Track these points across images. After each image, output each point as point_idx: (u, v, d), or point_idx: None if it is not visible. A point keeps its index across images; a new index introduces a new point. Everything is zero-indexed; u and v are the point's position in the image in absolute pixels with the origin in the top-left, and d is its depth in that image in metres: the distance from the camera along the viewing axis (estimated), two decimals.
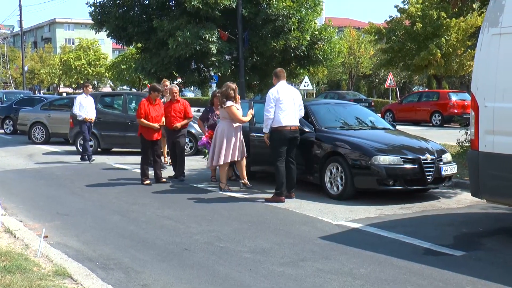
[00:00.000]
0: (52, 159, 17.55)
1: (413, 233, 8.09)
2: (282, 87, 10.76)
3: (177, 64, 25.10)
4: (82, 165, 16.02)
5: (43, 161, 17.09)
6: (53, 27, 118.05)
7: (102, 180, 13.27)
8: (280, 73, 10.97)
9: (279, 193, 10.56)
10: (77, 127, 18.41)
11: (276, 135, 10.62)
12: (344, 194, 10.55)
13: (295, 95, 10.85)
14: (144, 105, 12.61)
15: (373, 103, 42.46)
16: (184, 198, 11.09)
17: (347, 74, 64.48)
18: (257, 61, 26.40)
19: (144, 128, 12.65)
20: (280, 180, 10.57)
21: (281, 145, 10.61)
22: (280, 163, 10.62)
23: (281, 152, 10.63)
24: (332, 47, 26.21)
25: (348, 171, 10.45)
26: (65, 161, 17.03)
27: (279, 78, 10.88)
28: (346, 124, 12.00)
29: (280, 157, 10.62)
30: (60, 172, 14.66)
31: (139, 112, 12.63)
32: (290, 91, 10.82)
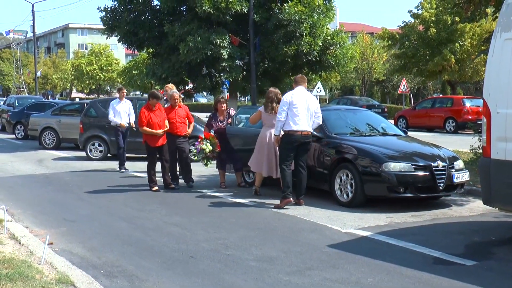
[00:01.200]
0: (62, 164, 17.58)
1: (423, 242, 7.98)
2: (298, 92, 10.73)
3: (188, 69, 25.08)
4: (91, 171, 16.02)
5: (53, 166, 17.12)
6: (67, 32, 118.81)
7: (110, 186, 13.26)
8: (299, 79, 11.03)
9: (285, 195, 10.51)
10: (88, 132, 18.50)
11: (287, 139, 10.58)
12: (354, 201, 10.46)
13: (310, 101, 10.78)
14: (144, 113, 12.62)
15: (386, 109, 42.31)
16: (192, 204, 11.04)
17: (360, 79, 64.33)
18: (268, 67, 26.30)
19: (148, 135, 12.65)
20: (286, 183, 10.52)
21: (290, 149, 10.58)
22: (286, 166, 10.58)
23: (289, 156, 10.60)
24: (344, 53, 26.08)
25: (358, 178, 10.37)
26: (74, 166, 17.04)
27: (298, 84, 10.88)
28: (357, 130, 11.91)
29: (287, 160, 10.59)
30: (69, 178, 14.67)
31: (140, 121, 12.66)
32: (305, 96, 10.76)
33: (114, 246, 8.01)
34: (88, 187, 13.12)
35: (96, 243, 8.15)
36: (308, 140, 10.74)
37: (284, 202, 10.47)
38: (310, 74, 27.64)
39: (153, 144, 12.62)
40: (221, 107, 12.91)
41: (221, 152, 12.88)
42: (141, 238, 8.44)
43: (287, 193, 10.51)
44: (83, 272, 6.55)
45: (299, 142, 10.58)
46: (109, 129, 18.21)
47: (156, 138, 12.61)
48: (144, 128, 12.59)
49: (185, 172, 13.07)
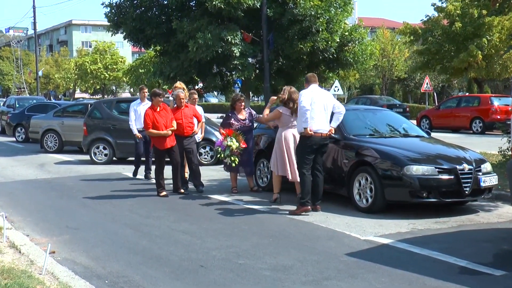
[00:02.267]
0: (65, 169, 17.67)
1: (448, 250, 7.94)
2: (315, 91, 10.71)
3: (198, 68, 25.18)
4: (96, 175, 16.08)
5: (55, 171, 17.21)
6: (69, 29, 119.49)
7: (115, 192, 13.31)
8: (311, 77, 10.95)
9: (304, 202, 10.49)
10: (92, 135, 18.57)
11: (305, 141, 10.55)
12: (374, 207, 10.43)
13: (327, 99, 10.77)
14: (148, 115, 12.64)
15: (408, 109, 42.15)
16: (202, 210, 11.06)
17: (380, 78, 64.20)
18: (283, 65, 26.37)
19: (155, 138, 12.69)
20: (306, 189, 10.50)
21: (309, 152, 10.55)
22: (306, 170, 10.55)
23: (308, 160, 10.57)
24: (363, 49, 26.10)
25: (378, 182, 10.34)
26: (78, 171, 17.12)
27: (310, 82, 10.83)
28: (377, 132, 11.89)
29: (307, 165, 10.56)
30: (73, 183, 14.74)
31: (145, 124, 12.71)
32: (322, 95, 10.76)
33: (119, 255, 8.03)
34: (92, 193, 13.17)
35: (101, 252, 8.18)
36: (326, 143, 10.74)
37: (302, 209, 10.46)
38: (327, 72, 27.66)
39: (161, 147, 12.63)
40: (239, 106, 12.89)
41: None
42: (148, 246, 8.45)
43: (307, 200, 10.50)
44: (86, 282, 6.58)
45: (318, 145, 10.58)
46: (115, 131, 18.32)
47: (164, 140, 12.61)
48: (150, 130, 12.62)
49: (194, 176, 13.08)
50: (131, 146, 18.09)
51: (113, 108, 19.06)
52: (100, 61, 77.81)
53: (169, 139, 12.65)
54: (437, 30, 39.28)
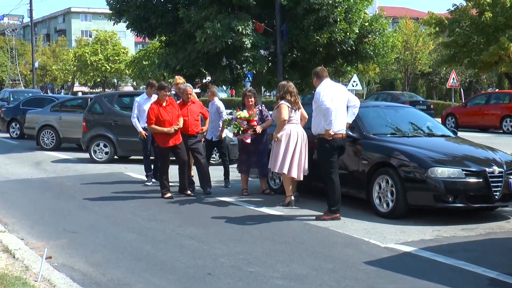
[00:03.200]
0: (62, 167, 17.74)
1: (476, 260, 7.92)
2: (330, 84, 10.69)
3: (206, 60, 25.15)
4: (96, 175, 16.13)
5: (52, 170, 17.28)
6: (68, 17, 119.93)
7: (117, 193, 13.35)
8: (322, 71, 10.89)
9: (334, 210, 10.49)
10: (92, 131, 18.60)
11: (327, 143, 10.52)
12: (395, 211, 10.41)
13: (344, 94, 10.80)
14: (153, 110, 12.55)
15: (433, 106, 42.05)
16: (210, 214, 11.07)
17: (403, 72, 64.05)
18: (297, 57, 26.31)
19: (158, 135, 12.63)
20: (337, 196, 10.50)
21: (333, 154, 10.55)
22: (334, 175, 10.54)
23: (334, 163, 10.57)
24: (384, 41, 25.99)
25: (400, 185, 10.31)
26: (77, 170, 17.19)
27: (322, 77, 10.78)
28: (399, 130, 11.89)
29: (333, 168, 10.56)
30: (71, 183, 14.79)
31: (148, 119, 12.67)
32: (339, 90, 10.78)
33: (121, 261, 8.05)
34: (92, 194, 13.22)
35: (101, 258, 8.20)
36: (344, 144, 10.77)
37: (332, 216, 10.44)
38: (345, 65, 27.60)
39: (163, 144, 12.57)
40: (248, 102, 12.87)
41: (247, 154, 12.90)
42: (152, 252, 8.47)
43: (337, 208, 10.49)
44: None
45: (340, 146, 10.60)
46: (116, 127, 18.37)
47: (168, 138, 12.55)
48: (152, 126, 12.58)
49: (201, 176, 13.09)
50: (134, 144, 18.12)
51: (115, 102, 19.11)
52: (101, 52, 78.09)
53: (173, 137, 12.62)
54: (465, 20, 39.07)
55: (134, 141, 18.05)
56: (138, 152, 18.30)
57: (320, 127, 10.50)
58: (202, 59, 25.06)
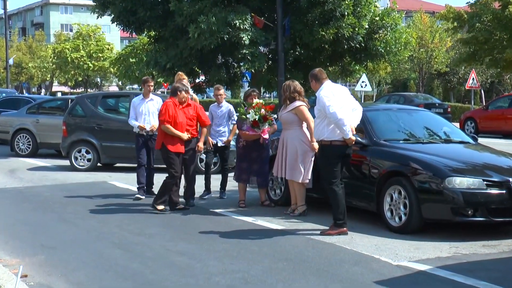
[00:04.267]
0: (40, 176, 17.73)
1: (498, 280, 7.93)
2: (333, 87, 10.72)
3: (200, 57, 25.19)
4: (77, 184, 16.13)
5: (28, 178, 17.28)
6: (46, 9, 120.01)
7: (101, 204, 13.36)
8: (320, 73, 10.84)
9: (340, 223, 10.51)
10: (73, 135, 18.58)
11: (330, 151, 10.56)
12: (409, 226, 10.42)
13: (348, 96, 10.85)
14: (170, 107, 12.40)
15: (450, 109, 42.12)
16: (203, 227, 11.07)
17: (417, 71, 64.12)
18: (300, 55, 26.33)
19: (169, 137, 12.41)
20: (342, 207, 10.52)
21: (336, 163, 10.58)
22: (336, 186, 10.56)
23: (336, 172, 10.60)
24: (397, 37, 26.05)
25: (413, 196, 10.32)
26: (56, 179, 17.18)
27: (321, 80, 10.77)
28: (412, 136, 11.92)
29: (336, 178, 10.58)
30: (49, 193, 14.78)
31: (164, 116, 12.36)
32: (343, 93, 10.82)
33: (105, 279, 8.06)
34: (73, 205, 13.23)
35: (83, 276, 8.20)
36: (350, 151, 10.80)
37: (338, 231, 10.46)
38: (353, 64, 27.66)
39: (175, 149, 12.43)
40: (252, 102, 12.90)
41: (248, 161, 12.94)
42: (139, 270, 8.47)
43: (344, 222, 10.52)
44: None
45: (343, 155, 10.63)
46: (100, 132, 18.36)
47: (180, 141, 12.45)
48: (167, 126, 12.32)
49: (187, 187, 13.11)
50: (120, 150, 18.15)
51: (99, 104, 19.09)
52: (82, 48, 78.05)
53: (183, 144, 12.55)
54: (487, 14, 39.06)
55: (120, 147, 18.14)
56: (124, 159, 18.35)
57: (324, 133, 10.54)
58: (195, 57, 25.09)
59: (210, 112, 14.14)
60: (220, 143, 13.99)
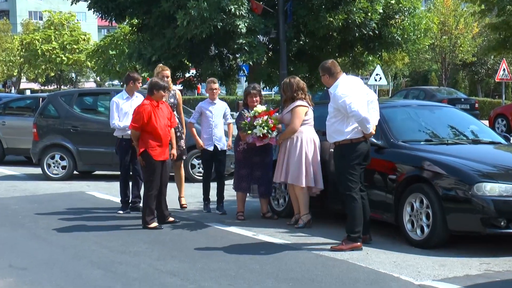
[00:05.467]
0: (7, 186, 17.73)
1: None
2: (349, 82, 10.77)
3: (190, 49, 25.21)
4: (50, 195, 16.12)
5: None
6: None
7: (78, 218, 13.37)
8: (334, 66, 10.87)
9: (354, 237, 10.54)
10: (45, 139, 18.57)
11: (350, 150, 10.61)
12: (432, 239, 10.42)
13: (363, 87, 10.94)
14: (146, 108, 12.27)
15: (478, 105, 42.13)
16: (197, 244, 11.07)
17: (439, 62, 64.16)
18: (305, 44, 26.35)
19: (152, 144, 12.32)
20: (358, 218, 10.56)
21: (357, 164, 10.64)
22: (355, 193, 10.62)
23: (356, 177, 10.66)
24: (416, 23, 26.06)
25: (437, 205, 10.31)
26: (26, 189, 17.19)
27: (335, 75, 10.80)
28: (435, 136, 11.93)
29: (355, 183, 10.64)
30: (18, 206, 14.79)
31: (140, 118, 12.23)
32: (360, 85, 10.90)
33: None
34: (45, 219, 13.22)
35: None
36: (369, 150, 10.86)
37: (352, 246, 10.49)
38: (366, 55, 27.69)
39: (158, 157, 12.38)
40: (252, 102, 12.85)
41: (250, 168, 12.93)
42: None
43: (359, 235, 10.56)
44: None
45: (365, 154, 10.69)
46: (77, 135, 18.34)
47: (163, 148, 12.44)
48: (135, 131, 12.37)
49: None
50: (99, 156, 18.14)
51: (74, 103, 19.08)
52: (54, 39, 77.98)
53: (166, 149, 12.59)
54: None
55: (99, 152, 18.14)
56: (105, 166, 18.34)
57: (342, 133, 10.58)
58: (184, 48, 25.09)
59: (198, 111, 13.83)
60: (220, 147, 13.76)
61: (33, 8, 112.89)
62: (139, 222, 12.47)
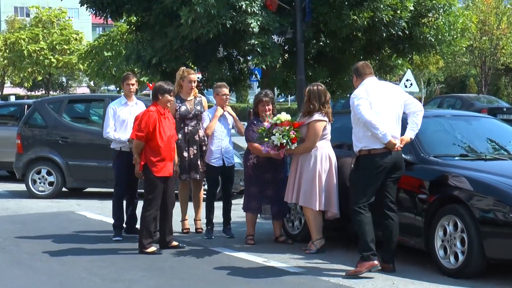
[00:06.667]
0: None
1: None
2: (373, 85, 10.85)
3: (195, 50, 25.22)
4: (36, 215, 16.15)
5: None
6: None
7: (66, 241, 13.37)
8: (364, 68, 11.05)
9: (366, 256, 10.56)
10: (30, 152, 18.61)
11: (368, 162, 10.69)
12: (467, 268, 10.39)
13: (394, 96, 10.94)
14: (151, 116, 12.21)
15: None
16: (200, 271, 11.10)
17: (478, 66, 64.05)
18: (326, 46, 26.33)
19: (155, 157, 12.29)
20: (368, 235, 10.59)
21: (373, 179, 10.70)
22: (362, 209, 10.66)
23: (368, 192, 10.72)
24: (451, 22, 26.03)
25: (474, 229, 10.29)
26: (8, 208, 17.24)
27: (363, 76, 10.96)
28: (472, 151, 11.93)
29: (364, 198, 10.70)
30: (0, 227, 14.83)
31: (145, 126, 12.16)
32: (385, 90, 10.93)
33: None
34: (29, 243, 13.25)
35: None
36: (401, 162, 10.88)
37: (366, 265, 10.51)
38: (394, 58, 27.64)
39: (159, 173, 12.34)
40: (264, 110, 12.87)
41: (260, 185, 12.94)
42: None
43: (372, 253, 10.57)
44: None
45: (388, 167, 10.70)
46: (66, 147, 18.36)
47: (166, 163, 12.39)
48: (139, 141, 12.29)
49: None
50: (91, 171, 18.14)
51: (64, 111, 19.11)
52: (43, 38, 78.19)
53: (171, 165, 12.52)
54: None
55: (92, 167, 18.16)
56: (97, 183, 18.37)
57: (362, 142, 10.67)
58: (188, 49, 25.12)
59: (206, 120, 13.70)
60: (228, 163, 13.67)
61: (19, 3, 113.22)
62: (135, 246, 12.49)
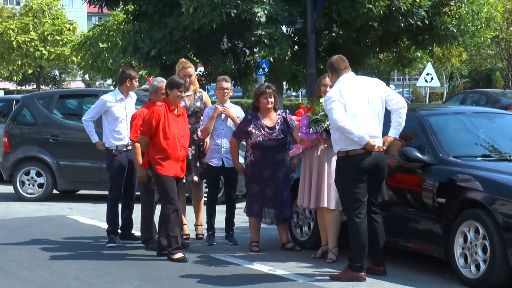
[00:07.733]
0: None
1: None
2: (348, 83, 10.90)
3: (197, 41, 25.24)
4: (24, 220, 16.17)
5: None
6: None
7: (57, 248, 13.39)
8: (338, 63, 11.10)
9: (357, 267, 10.63)
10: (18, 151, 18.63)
11: (347, 165, 10.75)
12: (490, 278, 10.36)
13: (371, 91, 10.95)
14: (157, 111, 12.20)
15: None
16: (201, 281, 11.09)
17: (504, 59, 63.95)
18: (338, 37, 26.34)
19: (159, 155, 12.26)
20: (360, 245, 10.66)
21: (357, 182, 10.72)
22: (358, 215, 10.71)
23: (359, 195, 10.73)
24: (475, 11, 26.02)
25: (496, 236, 10.27)
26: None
27: (338, 72, 11.04)
28: (495, 151, 11.91)
29: (357, 203, 10.73)
30: None
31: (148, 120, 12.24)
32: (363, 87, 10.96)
33: None
34: (16, 250, 13.26)
35: None
36: (382, 163, 10.90)
37: (350, 275, 10.62)
38: (413, 49, 27.67)
39: (163, 171, 12.31)
40: (266, 103, 12.84)
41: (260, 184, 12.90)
42: None
43: (361, 264, 10.64)
44: None
45: (368, 168, 10.72)
46: (57, 146, 18.37)
47: (175, 162, 12.38)
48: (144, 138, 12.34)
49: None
50: (84, 172, 18.16)
51: (55, 107, 19.12)
52: (33, 28, 78.24)
53: (181, 165, 12.50)
54: None
55: (85, 167, 18.18)
56: (90, 184, 18.38)
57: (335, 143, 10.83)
58: (190, 40, 25.14)
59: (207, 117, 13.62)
60: (228, 163, 13.53)
61: None
62: (129, 253, 12.52)
